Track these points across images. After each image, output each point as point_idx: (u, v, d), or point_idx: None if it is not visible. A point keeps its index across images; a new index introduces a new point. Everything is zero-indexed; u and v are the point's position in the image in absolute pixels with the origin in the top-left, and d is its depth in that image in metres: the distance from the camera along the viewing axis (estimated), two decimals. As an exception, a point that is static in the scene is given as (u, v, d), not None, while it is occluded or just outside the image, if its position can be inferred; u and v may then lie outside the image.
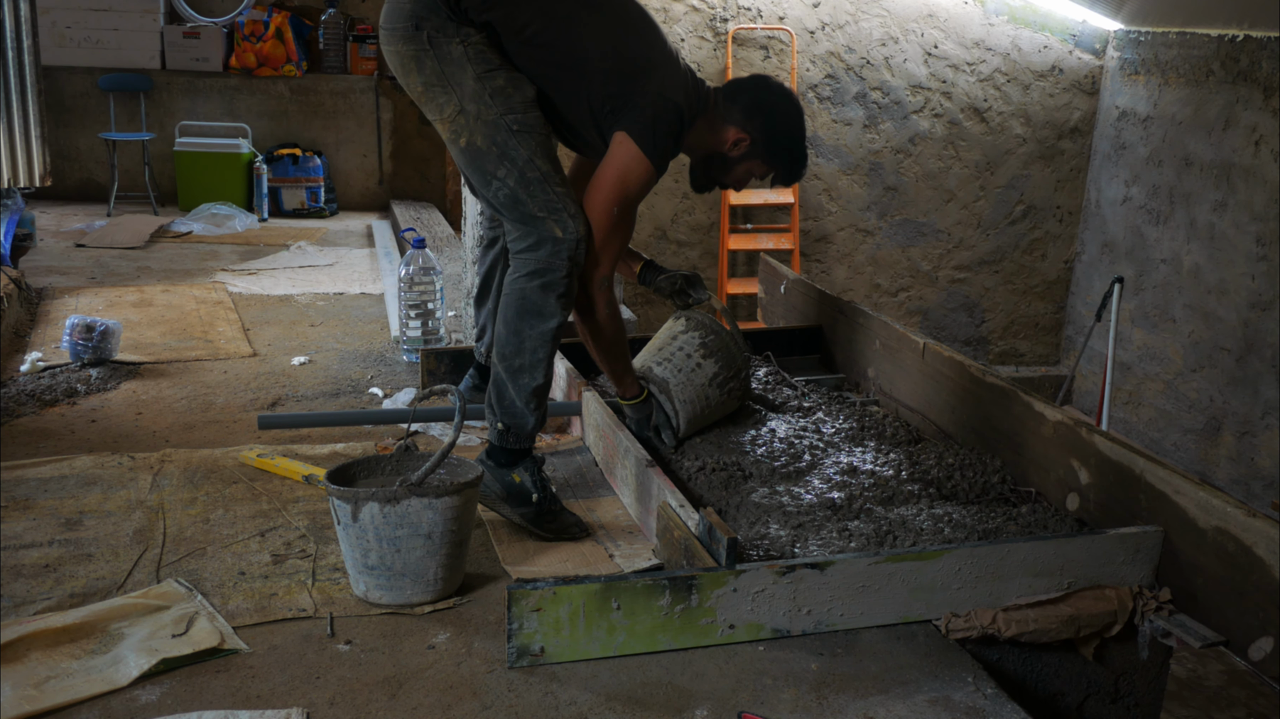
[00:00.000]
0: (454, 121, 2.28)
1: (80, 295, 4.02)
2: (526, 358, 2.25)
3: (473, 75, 2.25)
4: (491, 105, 2.25)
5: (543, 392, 2.29)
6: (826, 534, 2.18)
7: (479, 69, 2.25)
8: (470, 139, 2.27)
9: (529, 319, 2.24)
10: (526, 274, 2.25)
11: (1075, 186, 6.58)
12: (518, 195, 2.25)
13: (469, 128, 2.26)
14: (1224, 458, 5.38)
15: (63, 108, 5.82)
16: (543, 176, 2.25)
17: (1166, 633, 1.98)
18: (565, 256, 2.23)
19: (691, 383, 2.65)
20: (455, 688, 1.74)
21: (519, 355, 2.25)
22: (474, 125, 2.26)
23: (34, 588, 1.99)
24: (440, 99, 2.28)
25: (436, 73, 2.27)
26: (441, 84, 2.27)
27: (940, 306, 6.71)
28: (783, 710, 1.71)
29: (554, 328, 2.25)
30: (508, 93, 2.26)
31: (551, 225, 2.23)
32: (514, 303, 2.26)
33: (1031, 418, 2.47)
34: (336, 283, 4.43)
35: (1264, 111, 5.09)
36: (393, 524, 1.92)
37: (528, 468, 2.26)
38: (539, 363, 2.26)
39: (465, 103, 2.25)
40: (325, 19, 6.01)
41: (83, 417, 2.88)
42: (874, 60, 6.26)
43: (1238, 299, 5.26)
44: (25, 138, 4.20)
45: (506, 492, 2.24)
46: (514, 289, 2.26)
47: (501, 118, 2.24)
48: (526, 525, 2.25)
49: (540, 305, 2.24)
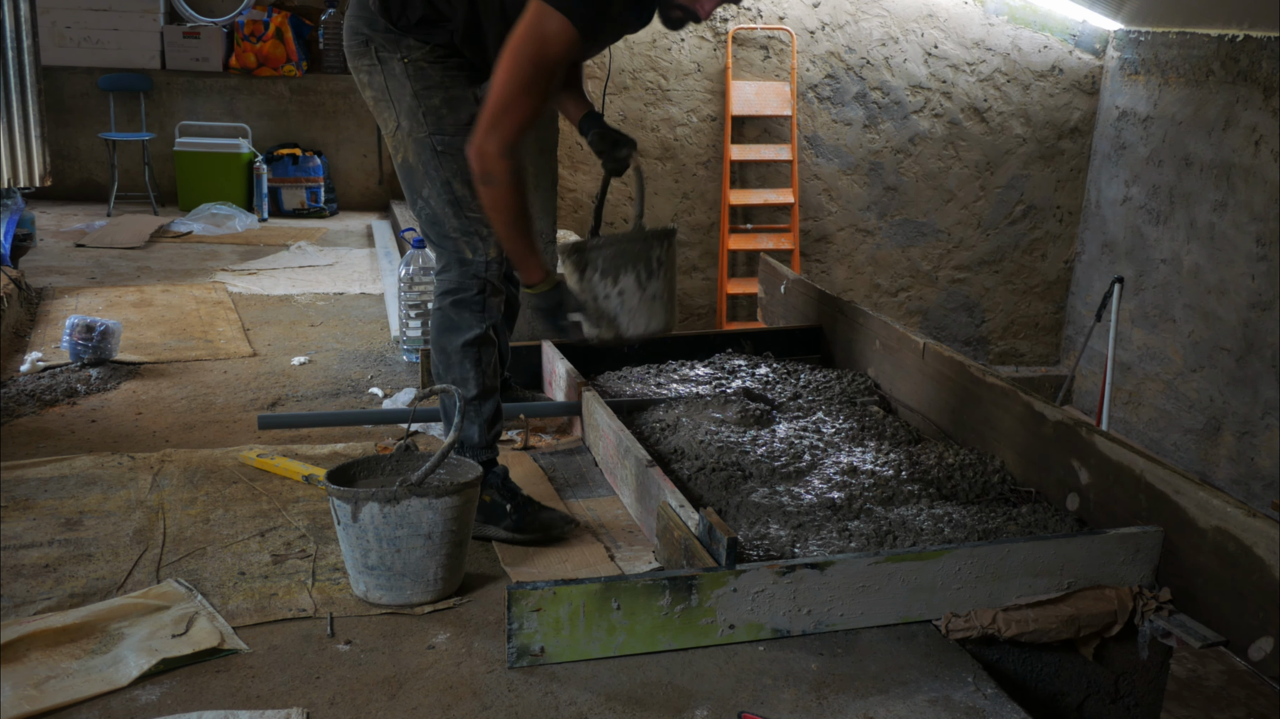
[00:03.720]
0: (394, 137, 2.33)
1: (80, 295, 4.02)
2: (455, 372, 2.30)
3: (410, 92, 2.27)
4: (423, 124, 2.27)
5: (478, 403, 2.30)
6: (826, 534, 2.18)
7: (417, 86, 2.28)
8: (405, 155, 2.31)
9: (448, 335, 2.30)
10: (441, 293, 2.32)
11: (1075, 186, 6.58)
12: (436, 215, 2.30)
13: (404, 144, 2.30)
14: (1224, 458, 5.38)
15: (63, 108, 5.82)
16: (457, 200, 2.28)
17: (1166, 633, 1.98)
18: (473, 275, 2.29)
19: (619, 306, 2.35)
20: (455, 688, 1.74)
21: (449, 372, 2.31)
22: (407, 142, 2.30)
23: (34, 588, 1.99)
24: (385, 114, 2.33)
25: (382, 88, 2.30)
26: (386, 99, 2.31)
27: (940, 306, 6.71)
28: (783, 710, 1.71)
29: (472, 338, 2.29)
30: (440, 113, 2.28)
31: (462, 246, 2.28)
32: (436, 324, 2.33)
33: (1031, 418, 2.47)
34: (336, 283, 4.43)
35: (1264, 111, 5.09)
36: (393, 524, 1.92)
37: (493, 484, 2.28)
38: (467, 376, 2.29)
39: (402, 119, 2.29)
40: (325, 19, 6.01)
41: (83, 417, 2.88)
42: (874, 60, 6.26)
43: (1238, 299, 5.26)
44: (25, 138, 4.19)
45: (484, 516, 2.25)
46: (434, 311, 2.34)
47: (429, 137, 2.27)
48: (512, 537, 2.26)
49: (456, 321, 2.29)
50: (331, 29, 6.01)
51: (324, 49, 6.07)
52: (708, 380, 3.07)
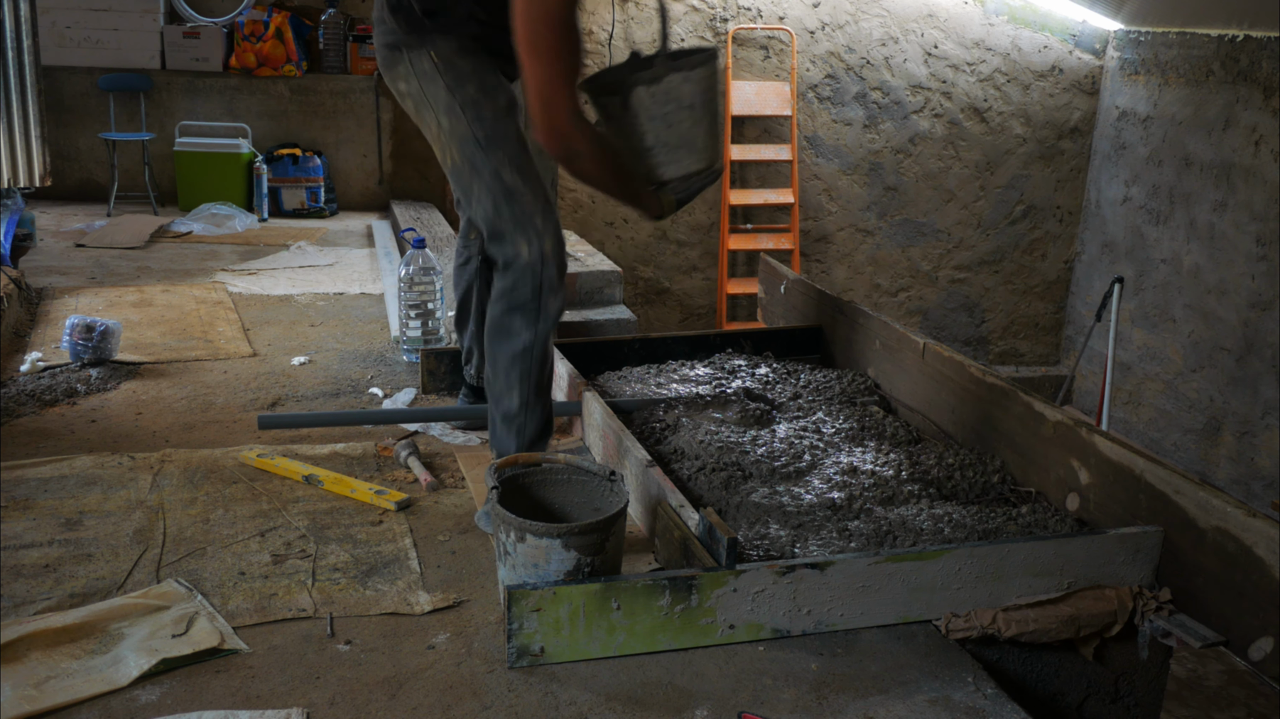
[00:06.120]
0: (438, 140, 2.25)
1: (80, 295, 4.02)
2: (501, 381, 2.22)
3: (444, 87, 2.20)
4: (462, 117, 2.19)
5: (517, 417, 2.24)
6: (826, 534, 2.18)
7: (449, 79, 2.20)
8: (451, 156, 2.24)
9: (499, 340, 2.22)
10: (495, 297, 2.23)
11: (1075, 186, 6.58)
12: (489, 212, 2.21)
13: (449, 145, 2.23)
14: (1224, 458, 5.38)
15: (63, 108, 5.82)
16: (508, 190, 2.18)
17: (1166, 633, 1.98)
18: (530, 275, 2.18)
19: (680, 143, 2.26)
20: (455, 688, 1.74)
21: (495, 379, 2.23)
22: (451, 143, 2.22)
23: (34, 588, 1.99)
24: (426, 116, 2.25)
25: (419, 92, 2.23)
26: (424, 101, 2.24)
27: (940, 306, 6.71)
28: (783, 710, 1.71)
29: (521, 348, 2.20)
30: (478, 101, 2.20)
31: (519, 243, 2.18)
32: (489, 328, 2.24)
33: (1031, 418, 2.47)
34: (336, 283, 4.43)
35: (1264, 111, 5.09)
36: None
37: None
38: (511, 386, 2.22)
39: (441, 117, 2.21)
40: (325, 19, 6.01)
41: (83, 417, 2.88)
42: (874, 60, 6.26)
43: (1238, 299, 5.26)
44: (25, 138, 4.19)
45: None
46: (490, 314, 2.25)
47: (470, 128, 2.19)
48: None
49: (507, 325, 2.20)
50: (331, 29, 6.01)
51: (324, 49, 6.07)
52: (708, 380, 3.07)
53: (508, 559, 1.87)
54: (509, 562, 1.87)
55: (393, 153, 6.14)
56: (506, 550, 1.86)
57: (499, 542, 1.89)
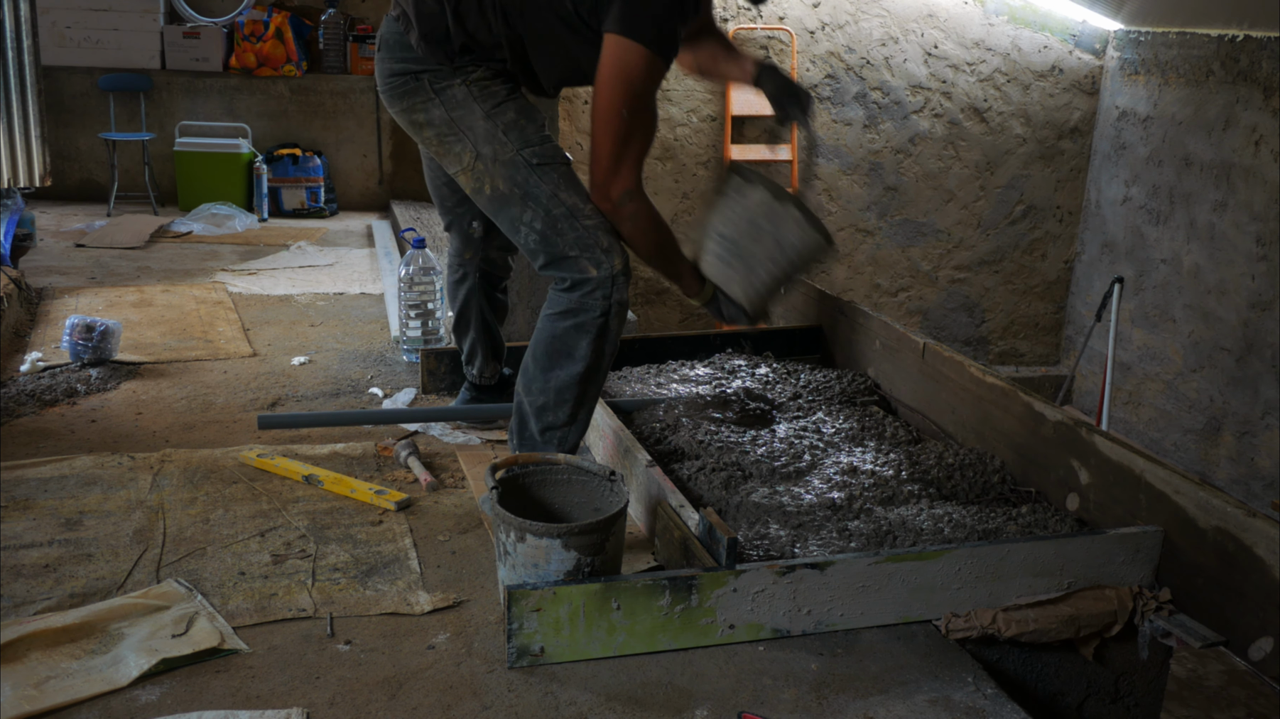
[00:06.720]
0: (473, 170, 2.17)
1: (80, 295, 4.02)
2: (551, 397, 2.17)
3: (481, 114, 2.14)
4: (507, 143, 2.13)
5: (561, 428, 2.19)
6: (826, 534, 2.18)
7: (486, 106, 2.14)
8: (493, 185, 2.16)
9: (558, 360, 2.15)
10: (559, 313, 2.15)
11: (1075, 186, 6.58)
12: (547, 236, 2.14)
13: (489, 173, 2.15)
14: (1224, 458, 5.38)
15: (63, 108, 5.82)
16: (569, 211, 2.12)
17: (1166, 633, 1.98)
18: (600, 296, 2.12)
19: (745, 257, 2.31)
20: (455, 688, 1.74)
21: (543, 394, 2.17)
22: (493, 169, 2.15)
23: (34, 588, 1.99)
24: (456, 148, 2.18)
25: (445, 121, 2.17)
26: (453, 131, 2.17)
27: (940, 306, 6.71)
28: (783, 710, 1.71)
29: (580, 373, 2.15)
30: (521, 125, 2.15)
31: (585, 264, 2.12)
32: (544, 340, 2.16)
33: (1031, 418, 2.47)
34: (336, 283, 4.43)
35: (1264, 111, 5.09)
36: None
37: None
38: (563, 403, 2.17)
39: (480, 146, 2.14)
40: (325, 19, 6.01)
41: (83, 417, 2.88)
42: (874, 60, 6.26)
43: (1238, 299, 5.26)
44: (25, 138, 4.19)
45: None
46: (546, 327, 2.16)
47: (519, 153, 2.13)
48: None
49: (571, 347, 2.14)
50: (331, 29, 6.01)
51: (324, 49, 6.07)
52: (708, 380, 3.07)
53: (508, 559, 1.87)
54: (509, 562, 1.87)
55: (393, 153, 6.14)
56: (506, 550, 1.86)
57: (499, 541, 1.89)
